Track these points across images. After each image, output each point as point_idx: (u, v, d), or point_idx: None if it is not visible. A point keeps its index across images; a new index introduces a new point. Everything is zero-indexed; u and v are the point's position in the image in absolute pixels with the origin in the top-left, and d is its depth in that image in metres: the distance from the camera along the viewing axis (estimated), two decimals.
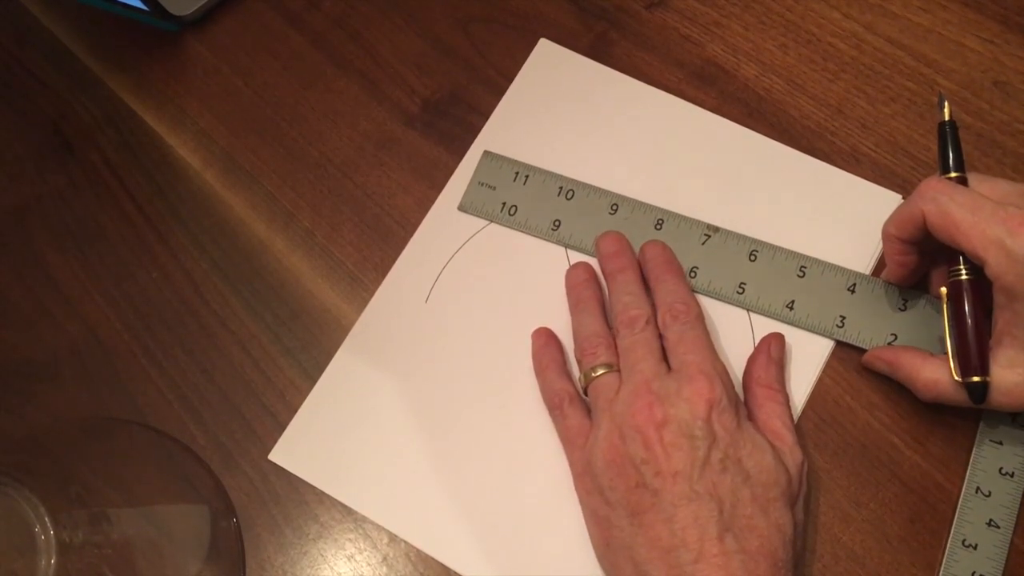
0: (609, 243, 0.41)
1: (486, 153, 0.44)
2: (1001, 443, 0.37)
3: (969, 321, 0.34)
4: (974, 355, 0.34)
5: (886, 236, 0.37)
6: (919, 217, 0.34)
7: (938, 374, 0.35)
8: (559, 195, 0.43)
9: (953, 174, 0.35)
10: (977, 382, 0.34)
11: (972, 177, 0.35)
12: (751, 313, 0.40)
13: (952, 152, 0.36)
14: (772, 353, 0.38)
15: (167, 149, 0.48)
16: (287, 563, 0.39)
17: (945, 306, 0.35)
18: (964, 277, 0.34)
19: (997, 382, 0.34)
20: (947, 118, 0.36)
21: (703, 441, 0.33)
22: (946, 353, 0.35)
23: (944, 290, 0.35)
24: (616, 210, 0.42)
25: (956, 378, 0.34)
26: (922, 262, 0.37)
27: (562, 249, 0.43)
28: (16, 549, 0.30)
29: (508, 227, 0.43)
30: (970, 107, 0.43)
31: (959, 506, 0.36)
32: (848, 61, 0.44)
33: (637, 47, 0.46)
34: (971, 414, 0.38)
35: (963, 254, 0.34)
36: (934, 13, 0.45)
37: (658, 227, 0.42)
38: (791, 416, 0.37)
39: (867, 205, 0.41)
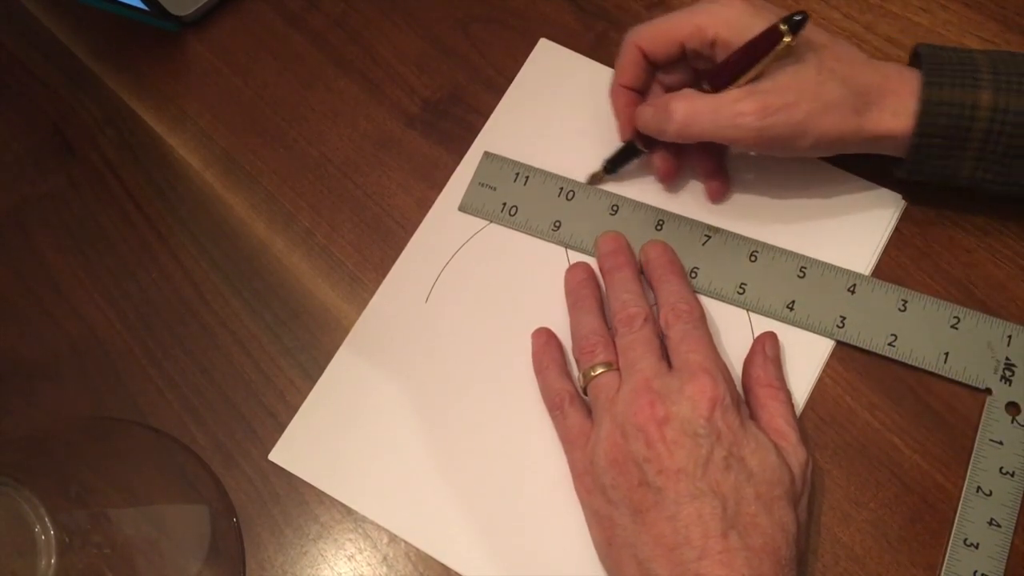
0: (607, 242, 0.41)
1: (486, 154, 0.44)
2: (1001, 443, 0.37)
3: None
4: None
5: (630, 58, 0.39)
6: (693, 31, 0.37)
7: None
8: (559, 196, 0.43)
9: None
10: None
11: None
12: (751, 313, 0.40)
13: None
14: (768, 352, 0.38)
15: (167, 149, 0.48)
16: (287, 563, 0.39)
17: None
18: (787, 40, 0.34)
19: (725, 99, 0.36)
20: None
21: (706, 439, 0.33)
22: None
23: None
24: (616, 211, 0.42)
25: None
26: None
27: (562, 249, 0.43)
28: (16, 549, 0.30)
29: (509, 227, 0.43)
30: None
31: (960, 505, 0.36)
32: None
33: None
34: (971, 414, 0.38)
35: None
36: (934, 13, 0.45)
37: (658, 228, 0.42)
38: (794, 414, 0.37)
39: (867, 205, 0.41)
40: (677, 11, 0.38)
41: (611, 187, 0.43)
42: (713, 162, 0.42)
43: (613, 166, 0.42)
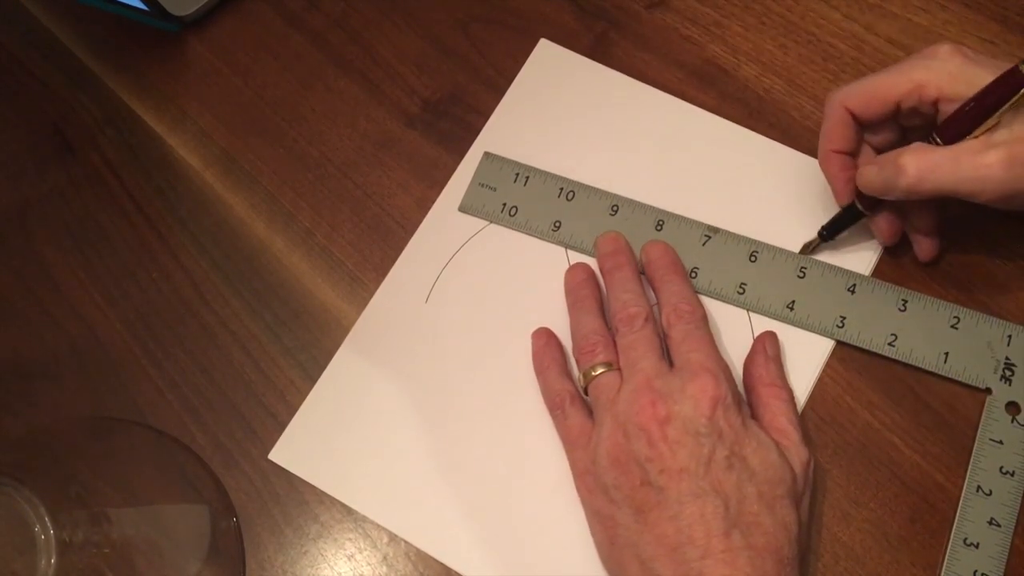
0: (607, 242, 0.41)
1: (486, 154, 0.44)
2: (1001, 442, 0.37)
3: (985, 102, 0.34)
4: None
5: (836, 119, 0.37)
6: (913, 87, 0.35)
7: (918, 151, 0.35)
8: (559, 196, 0.43)
9: None
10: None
11: None
12: (751, 313, 0.40)
13: None
14: (768, 351, 0.38)
15: (167, 149, 0.48)
16: (287, 563, 0.39)
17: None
18: None
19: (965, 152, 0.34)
20: None
21: (708, 438, 0.33)
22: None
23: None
24: (616, 211, 0.42)
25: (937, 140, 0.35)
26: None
27: (562, 249, 0.43)
28: (16, 549, 0.30)
29: (509, 228, 0.43)
30: None
31: (960, 505, 0.36)
32: (848, 62, 0.44)
33: (637, 47, 0.46)
34: (971, 414, 0.38)
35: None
36: (934, 13, 0.45)
37: (659, 228, 0.42)
38: (796, 413, 0.37)
39: None
40: (886, 70, 0.36)
41: (611, 187, 0.43)
42: (935, 219, 0.39)
43: (831, 232, 0.40)
